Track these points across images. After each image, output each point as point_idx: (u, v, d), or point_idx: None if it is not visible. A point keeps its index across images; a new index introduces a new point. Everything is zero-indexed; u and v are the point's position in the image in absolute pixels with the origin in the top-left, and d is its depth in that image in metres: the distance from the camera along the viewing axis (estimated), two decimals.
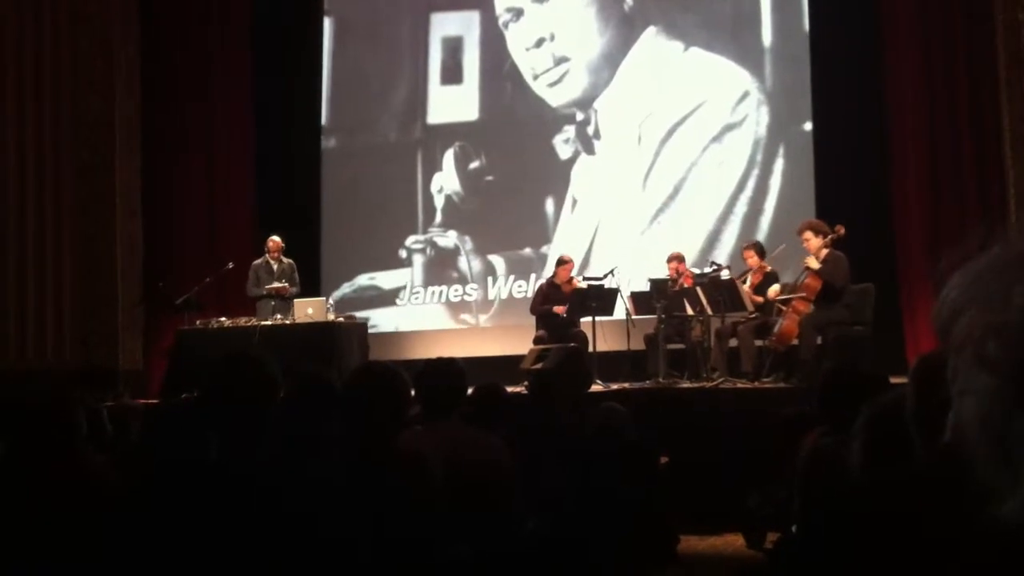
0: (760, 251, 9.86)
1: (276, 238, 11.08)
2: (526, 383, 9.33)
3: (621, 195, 11.75)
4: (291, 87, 12.73)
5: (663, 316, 9.70)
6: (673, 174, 11.58)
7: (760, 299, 9.51)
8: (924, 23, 10.53)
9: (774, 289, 9.40)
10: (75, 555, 2.94)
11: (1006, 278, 0.70)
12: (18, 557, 3.09)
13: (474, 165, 12.28)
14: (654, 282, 9.97)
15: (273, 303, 10.74)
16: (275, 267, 11.00)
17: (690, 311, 9.65)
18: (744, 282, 9.66)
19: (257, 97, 12.60)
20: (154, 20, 12.37)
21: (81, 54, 11.74)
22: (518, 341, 10.72)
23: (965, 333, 0.71)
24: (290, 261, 11.15)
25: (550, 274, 10.89)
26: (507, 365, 9.90)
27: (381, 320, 12.06)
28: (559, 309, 10.24)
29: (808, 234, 9.22)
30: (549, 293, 10.51)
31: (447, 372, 4.26)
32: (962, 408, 0.72)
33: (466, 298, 12.13)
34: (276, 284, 10.81)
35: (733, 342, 9.50)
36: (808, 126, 11.18)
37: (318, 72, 12.86)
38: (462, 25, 12.45)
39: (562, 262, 10.60)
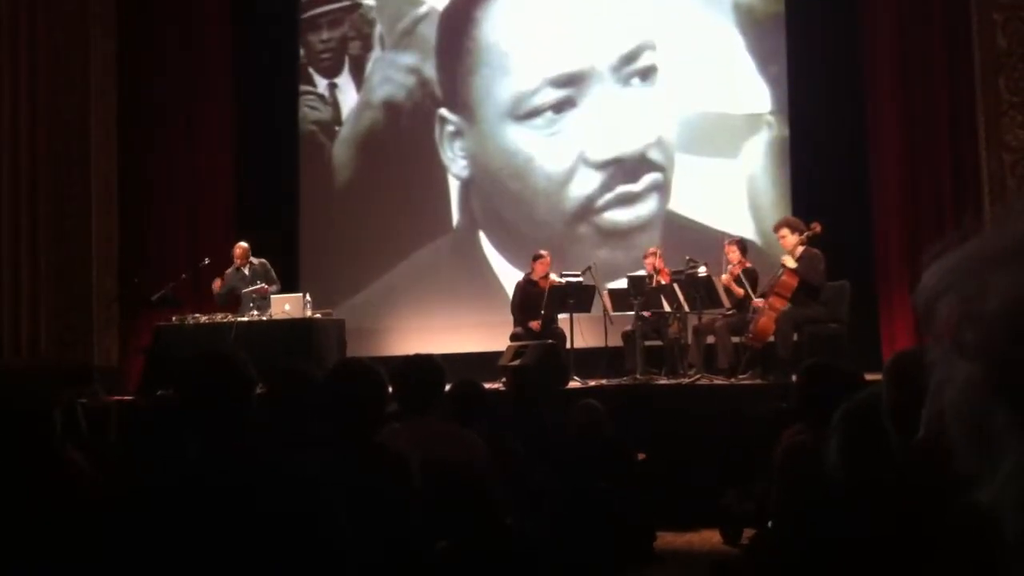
0: (743, 248, 9.87)
1: (242, 244, 11.02)
2: (504, 379, 9.36)
3: (592, 186, 11.78)
4: (272, 82, 12.70)
5: (640, 313, 9.72)
6: (648, 169, 11.58)
7: (741, 291, 9.51)
8: (902, 20, 10.57)
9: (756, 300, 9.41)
10: (53, 554, 2.93)
11: (988, 265, 0.71)
12: None
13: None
14: (632, 279, 9.99)
15: (252, 303, 10.69)
16: (246, 272, 10.95)
17: (667, 308, 9.67)
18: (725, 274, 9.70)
19: (237, 93, 12.56)
20: (132, 15, 12.31)
21: (58, 49, 11.68)
22: (495, 337, 10.72)
23: (944, 321, 0.72)
24: (261, 261, 11.06)
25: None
26: (485, 361, 9.90)
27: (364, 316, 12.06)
28: (535, 325, 10.24)
29: (784, 231, 9.26)
30: (527, 289, 10.52)
31: (425, 368, 4.25)
32: (940, 397, 0.73)
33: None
34: (251, 288, 10.75)
35: (710, 339, 9.53)
36: (784, 122, 11.19)
37: (298, 68, 12.85)
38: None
39: (538, 257, 10.61)
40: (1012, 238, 0.71)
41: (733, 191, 11.12)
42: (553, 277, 10.41)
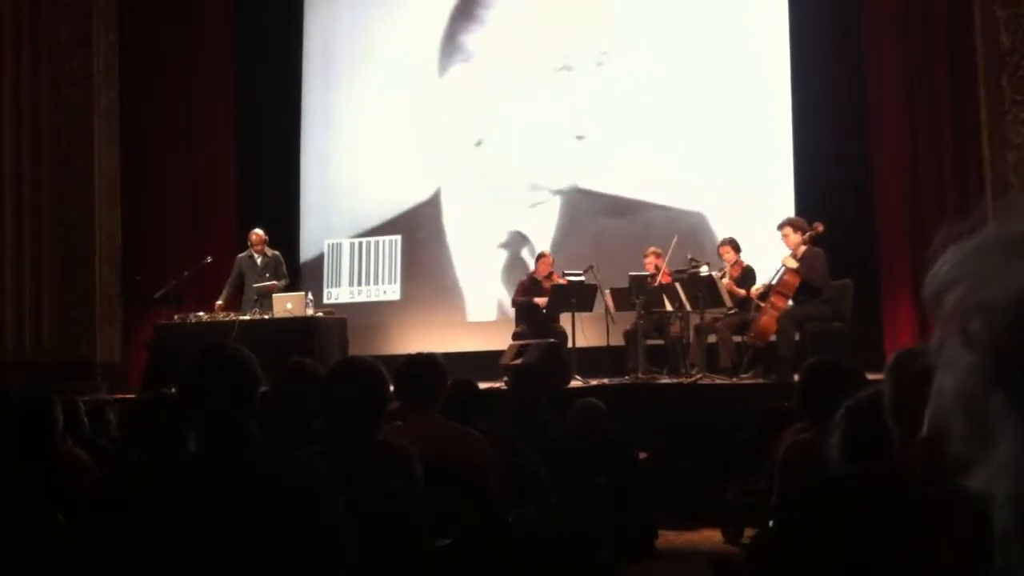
0: (736, 247, 9.88)
1: (259, 231, 11.00)
2: (505, 378, 9.35)
3: (595, 189, 11.78)
4: (274, 75, 12.68)
5: (642, 312, 9.72)
6: (649, 168, 11.57)
7: (742, 292, 9.53)
8: (905, 17, 10.55)
9: (755, 289, 9.44)
10: (54, 551, 2.93)
11: (998, 256, 0.72)
12: None
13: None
14: (634, 278, 9.98)
15: (256, 297, 10.69)
16: (259, 260, 10.94)
17: (669, 307, 9.67)
18: (723, 277, 9.70)
19: (239, 89, 12.56)
20: (134, 12, 12.30)
21: (61, 45, 11.67)
22: (497, 336, 10.72)
23: (952, 308, 0.73)
24: (275, 253, 11.08)
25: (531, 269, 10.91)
26: (486, 360, 9.90)
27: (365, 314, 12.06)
28: (540, 301, 10.26)
29: (787, 230, 9.26)
30: (530, 288, 10.53)
31: (427, 367, 4.25)
32: (943, 381, 0.74)
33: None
34: (262, 284, 10.73)
35: (712, 338, 9.53)
36: (787, 121, 11.16)
37: (300, 59, 12.84)
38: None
39: (540, 256, 10.64)
40: (1020, 230, 0.72)
41: (736, 192, 11.12)
42: (557, 276, 10.41)
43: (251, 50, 12.60)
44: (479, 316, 12.01)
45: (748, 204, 11.01)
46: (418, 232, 12.26)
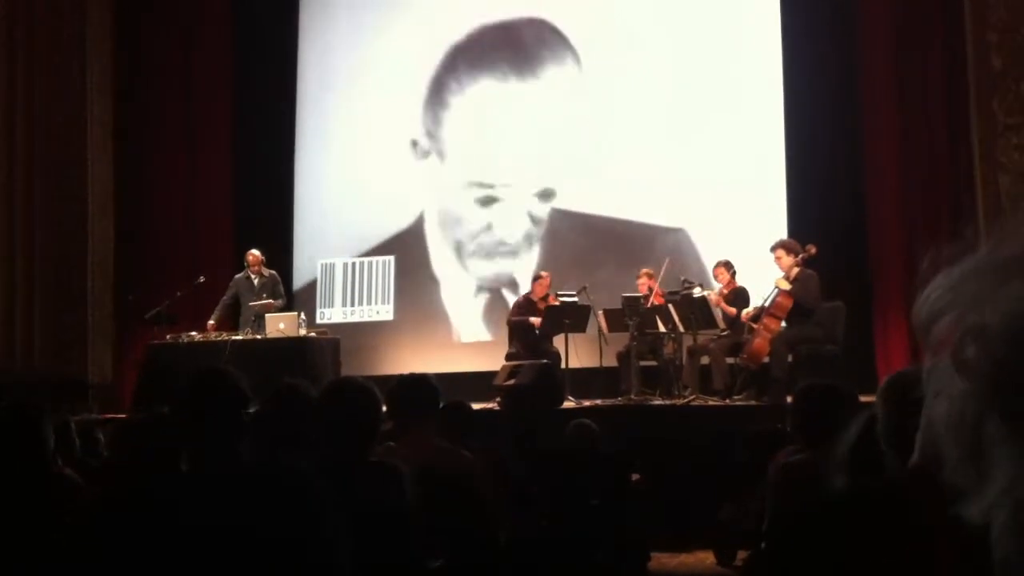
0: (730, 269, 9.90)
1: (255, 252, 10.95)
2: (499, 399, 9.34)
3: (584, 207, 11.81)
4: (272, 78, 12.65)
5: (635, 333, 9.72)
6: (643, 189, 11.57)
7: (732, 310, 9.55)
8: (898, 41, 10.60)
9: (747, 311, 9.45)
10: (44, 570, 2.91)
11: (992, 281, 0.71)
12: None
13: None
14: (627, 299, 9.99)
15: (253, 317, 10.66)
16: (256, 281, 10.91)
17: (662, 328, 9.67)
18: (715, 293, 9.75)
19: (237, 88, 12.50)
20: (131, 16, 12.24)
21: (55, 50, 11.59)
22: (490, 357, 10.70)
23: (945, 335, 0.72)
24: (272, 273, 11.04)
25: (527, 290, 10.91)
26: (480, 381, 9.88)
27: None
28: (535, 321, 10.25)
29: (780, 252, 9.29)
30: (526, 308, 10.53)
31: (420, 388, 4.25)
32: (935, 409, 0.73)
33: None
34: (258, 303, 10.69)
35: (705, 359, 9.53)
36: (781, 143, 11.18)
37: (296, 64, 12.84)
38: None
39: (538, 278, 10.64)
40: (1012, 253, 0.72)
41: (728, 214, 11.13)
42: (552, 297, 10.42)
43: (251, 51, 12.54)
44: (470, 337, 11.98)
45: (741, 225, 11.01)
46: (410, 252, 12.25)
